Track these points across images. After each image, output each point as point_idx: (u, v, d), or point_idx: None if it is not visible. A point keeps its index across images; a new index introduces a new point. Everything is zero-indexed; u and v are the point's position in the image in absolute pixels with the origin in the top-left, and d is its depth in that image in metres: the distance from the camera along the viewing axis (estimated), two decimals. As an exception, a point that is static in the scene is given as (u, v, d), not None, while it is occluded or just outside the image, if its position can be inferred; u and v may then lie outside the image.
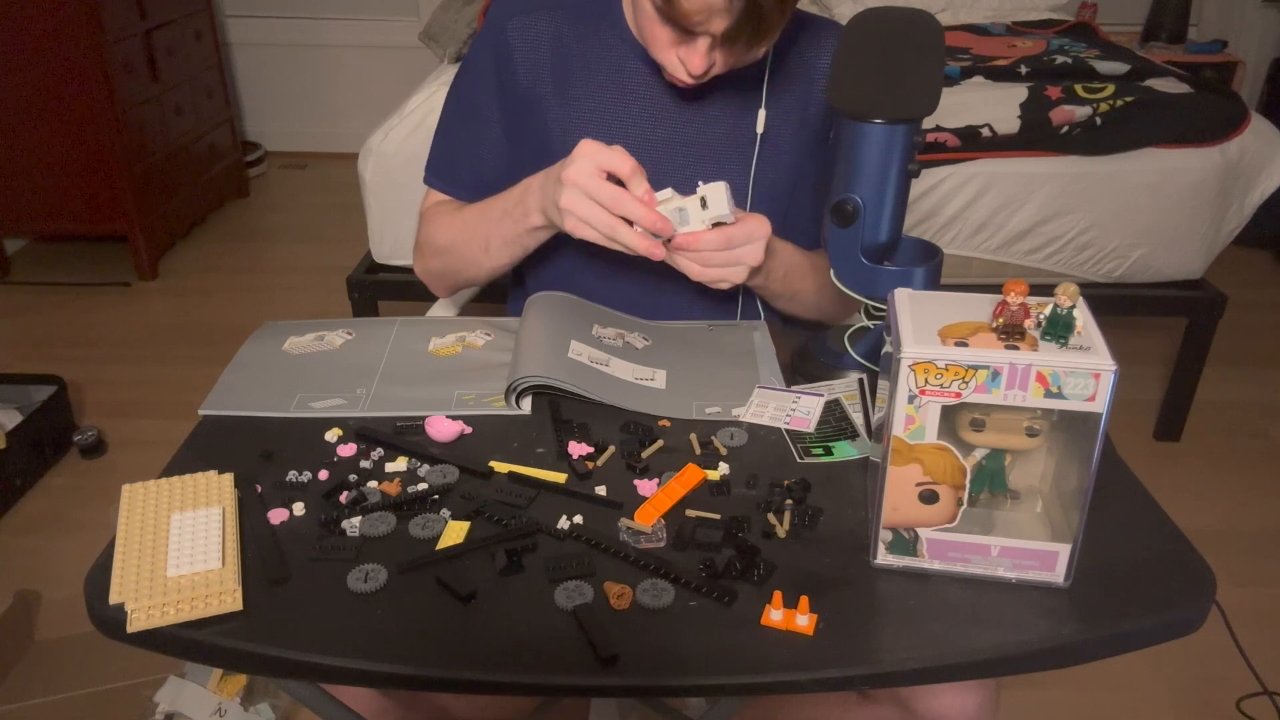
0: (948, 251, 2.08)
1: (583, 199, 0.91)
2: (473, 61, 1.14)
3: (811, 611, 0.68)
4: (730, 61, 0.97)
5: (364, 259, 2.22)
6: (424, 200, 1.21)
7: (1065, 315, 0.66)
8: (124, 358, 2.63)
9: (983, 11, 2.96)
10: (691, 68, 0.94)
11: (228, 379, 0.98)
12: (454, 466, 0.84)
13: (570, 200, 0.92)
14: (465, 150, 1.17)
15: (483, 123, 1.14)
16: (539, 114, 1.11)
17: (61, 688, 1.59)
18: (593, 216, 0.92)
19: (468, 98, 1.15)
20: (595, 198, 0.91)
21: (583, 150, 0.91)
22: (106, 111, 2.82)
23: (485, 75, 1.12)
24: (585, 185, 0.91)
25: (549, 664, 0.65)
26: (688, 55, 0.94)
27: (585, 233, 0.93)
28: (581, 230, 0.93)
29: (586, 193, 0.91)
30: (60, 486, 2.13)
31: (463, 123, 1.16)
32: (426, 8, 3.72)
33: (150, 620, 0.67)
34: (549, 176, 0.97)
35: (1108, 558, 0.74)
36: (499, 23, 1.10)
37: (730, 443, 0.88)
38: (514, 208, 1.04)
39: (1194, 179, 2.03)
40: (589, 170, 0.91)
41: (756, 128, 1.08)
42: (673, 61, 0.97)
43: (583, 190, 0.91)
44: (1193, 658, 1.68)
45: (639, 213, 0.90)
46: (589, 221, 0.92)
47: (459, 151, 1.17)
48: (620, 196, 0.91)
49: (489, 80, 1.12)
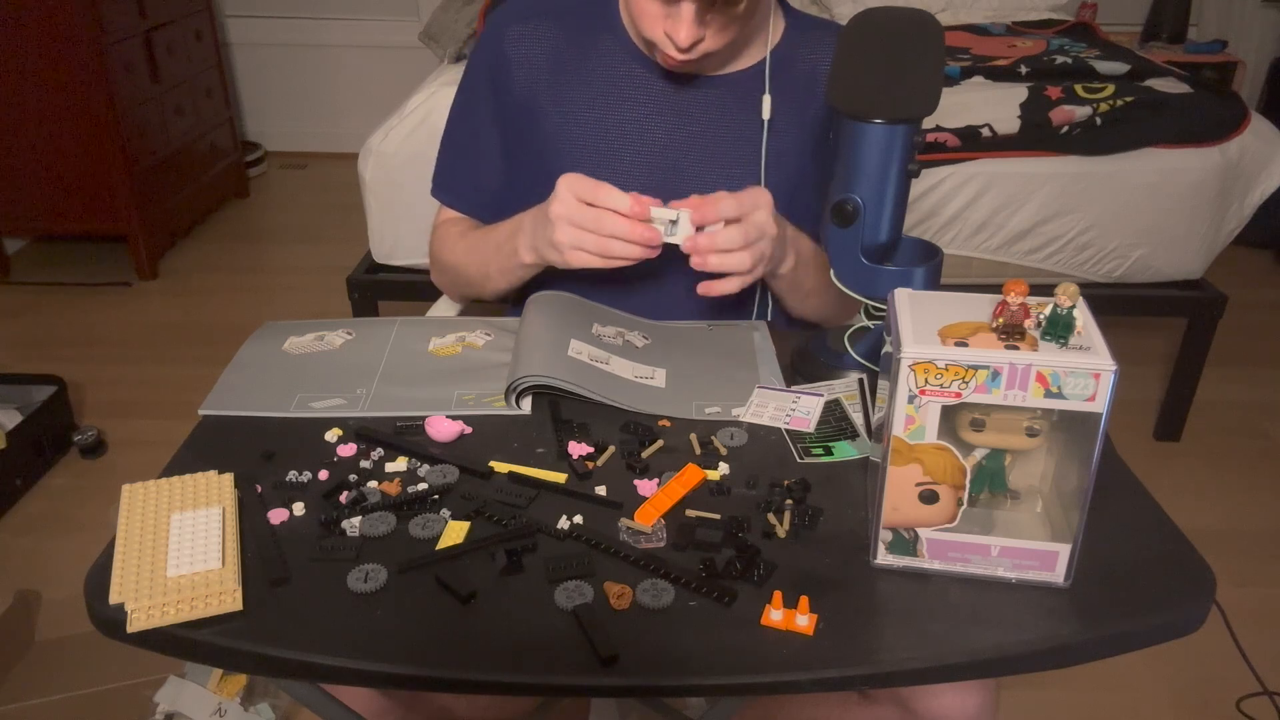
0: (948, 251, 2.08)
1: (572, 229, 0.94)
2: (472, 73, 1.15)
3: (811, 611, 0.68)
4: (717, 33, 0.97)
5: (364, 259, 2.22)
6: (437, 214, 1.25)
7: (1065, 315, 0.66)
8: (124, 358, 2.64)
9: (983, 11, 2.96)
10: (679, 39, 0.95)
11: (228, 379, 0.98)
12: (454, 466, 0.84)
13: (563, 233, 0.95)
14: (467, 167, 1.19)
15: (482, 139, 1.16)
16: (537, 121, 1.11)
17: (61, 688, 1.59)
18: (585, 242, 0.94)
19: (468, 113, 1.17)
20: (582, 225, 0.94)
21: (563, 183, 0.95)
22: (106, 112, 2.82)
23: (483, 87, 1.14)
24: (570, 215, 0.94)
25: (549, 664, 0.65)
26: (674, 28, 0.95)
27: (583, 259, 0.96)
28: (579, 258, 0.96)
29: (573, 222, 0.94)
30: (60, 486, 2.13)
31: (464, 139, 1.18)
32: (426, 8, 3.72)
33: (150, 620, 0.67)
34: (538, 216, 1.00)
35: (1108, 558, 0.74)
36: (497, 31, 1.11)
37: (730, 443, 0.88)
38: (505, 243, 1.07)
39: (1194, 179, 2.03)
40: (571, 201, 0.94)
41: (763, 114, 1.08)
42: (662, 38, 0.98)
43: (568, 220, 0.94)
44: (1193, 658, 1.68)
45: (622, 228, 0.93)
46: (583, 247, 0.95)
47: (460, 167, 1.20)
48: (601, 216, 0.93)
49: (486, 91, 1.14)
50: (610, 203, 0.93)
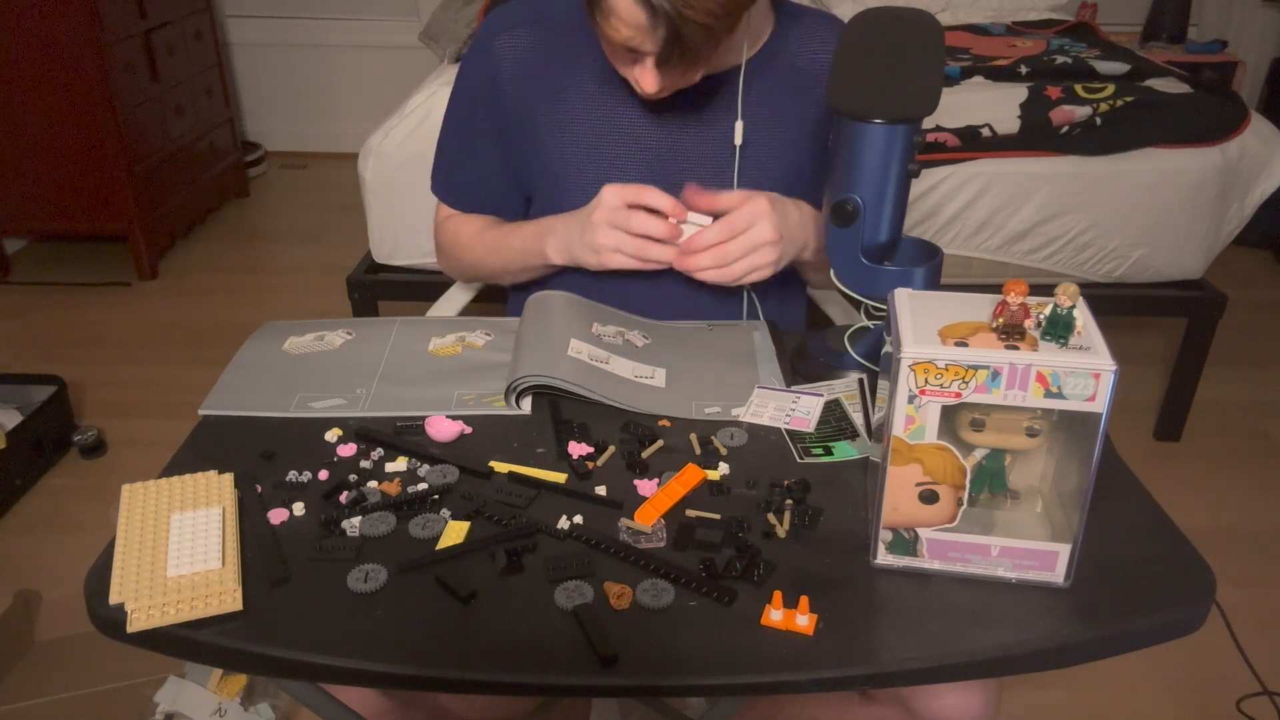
0: (948, 251, 2.08)
1: (614, 232, 1.01)
2: (463, 81, 1.16)
3: (811, 611, 0.68)
4: (683, 75, 0.98)
5: (364, 259, 2.21)
6: (437, 210, 1.27)
7: (1065, 315, 0.66)
8: (124, 358, 2.63)
9: (983, 11, 2.96)
10: (644, 87, 0.97)
11: (228, 379, 0.98)
12: (454, 466, 0.84)
13: (605, 236, 1.02)
14: (465, 170, 1.21)
15: (478, 146, 1.18)
16: (531, 126, 1.12)
17: (61, 688, 1.59)
18: (625, 244, 1.01)
19: (462, 121, 1.18)
20: (624, 227, 1.01)
21: (607, 190, 1.02)
22: (106, 111, 2.82)
23: (477, 93, 1.15)
24: (612, 219, 1.01)
25: (549, 664, 0.65)
26: (640, 74, 0.97)
27: (620, 261, 1.03)
28: (616, 260, 1.03)
29: (614, 224, 1.01)
30: (60, 486, 2.12)
31: (460, 145, 1.20)
32: (426, 8, 3.72)
33: (150, 620, 0.67)
34: (573, 221, 1.06)
35: (1108, 558, 0.74)
36: (487, 41, 1.12)
37: (730, 443, 0.88)
38: (532, 244, 1.12)
39: (1194, 179, 2.03)
40: (615, 205, 1.01)
41: (735, 139, 1.09)
42: (633, 79, 1.00)
43: (610, 223, 1.01)
44: (1193, 658, 1.68)
45: (652, 226, 1.00)
46: (621, 249, 1.02)
47: (459, 171, 1.21)
48: (644, 218, 1.00)
49: (480, 97, 1.15)
50: (656, 203, 1.00)
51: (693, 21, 0.86)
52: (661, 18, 0.86)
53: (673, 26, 0.86)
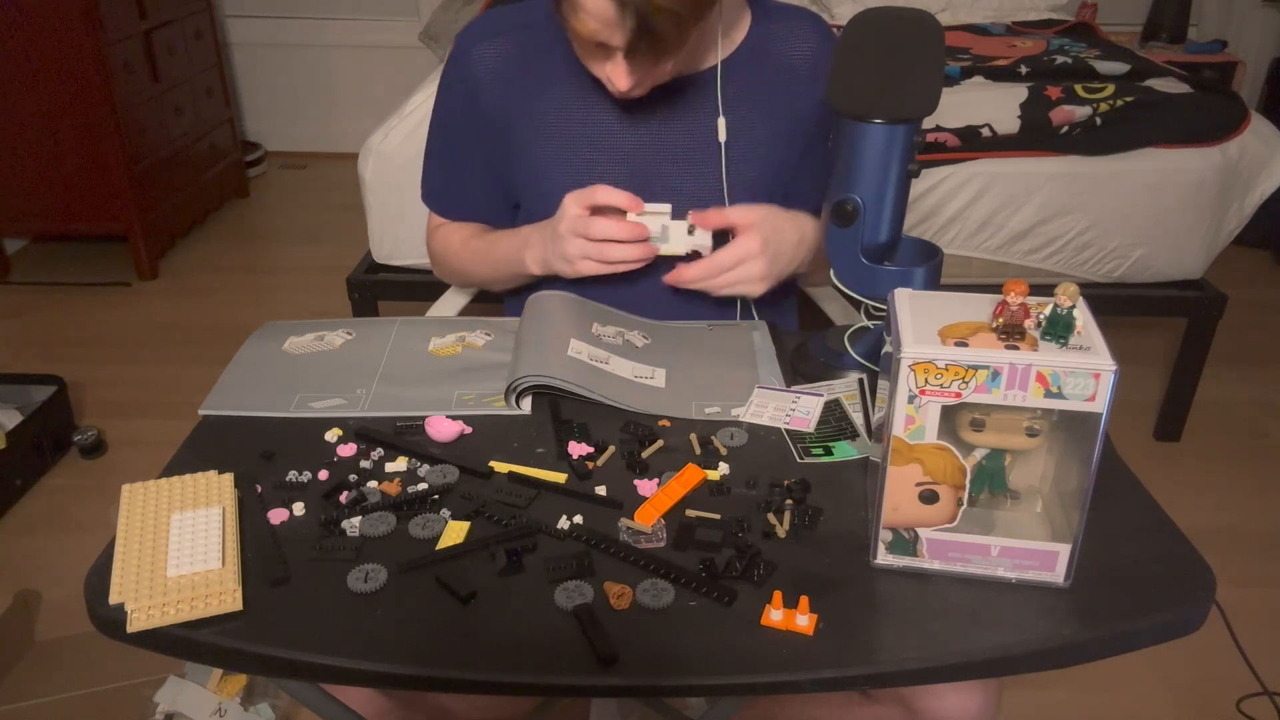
0: (948, 251, 2.08)
1: (579, 240, 1.02)
2: (444, 92, 1.17)
3: (811, 611, 0.68)
4: (653, 76, 0.98)
5: (364, 259, 2.21)
6: (429, 219, 1.28)
7: (1065, 315, 0.66)
8: (124, 358, 2.63)
9: (983, 11, 2.96)
10: (615, 83, 0.98)
11: (228, 379, 0.98)
12: (454, 466, 0.84)
13: (572, 246, 1.02)
14: (452, 179, 1.22)
15: (462, 155, 1.18)
16: (511, 133, 1.13)
17: (61, 688, 1.59)
18: (589, 250, 1.02)
19: (446, 131, 1.19)
20: (585, 234, 1.01)
21: (567, 199, 1.02)
22: (106, 111, 2.82)
23: (457, 106, 1.16)
24: (575, 227, 1.01)
25: (549, 664, 0.65)
26: (611, 71, 0.97)
27: (591, 268, 1.03)
28: (588, 267, 1.03)
29: (576, 232, 1.02)
30: (60, 486, 2.12)
31: (445, 154, 1.21)
32: (426, 8, 3.72)
33: (150, 620, 0.67)
34: (543, 232, 1.08)
35: (1108, 558, 0.74)
36: (465, 51, 1.13)
37: (730, 443, 0.88)
38: (513, 256, 1.13)
39: (1194, 179, 2.03)
40: (574, 213, 1.02)
41: (719, 136, 1.09)
42: (603, 77, 1.00)
43: (574, 231, 1.02)
44: (1193, 658, 1.68)
45: (612, 229, 1.01)
46: (588, 255, 1.02)
47: (446, 180, 1.22)
48: (592, 222, 1.01)
49: (461, 110, 1.16)
50: (609, 200, 1.00)
51: (661, 9, 0.86)
52: (629, 8, 0.86)
53: (640, 17, 0.87)
